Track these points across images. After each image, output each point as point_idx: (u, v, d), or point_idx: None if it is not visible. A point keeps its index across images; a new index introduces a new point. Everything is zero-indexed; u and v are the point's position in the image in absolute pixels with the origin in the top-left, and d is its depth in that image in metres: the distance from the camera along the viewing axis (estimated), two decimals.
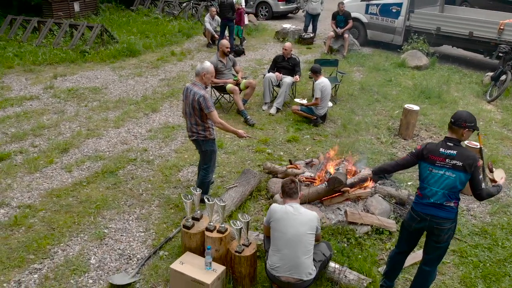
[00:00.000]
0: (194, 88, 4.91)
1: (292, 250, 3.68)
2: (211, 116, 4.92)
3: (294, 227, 3.71)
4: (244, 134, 5.28)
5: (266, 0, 17.04)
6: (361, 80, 10.19)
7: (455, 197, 3.59)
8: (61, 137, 7.08)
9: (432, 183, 3.60)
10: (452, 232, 3.69)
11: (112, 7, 17.61)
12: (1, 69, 10.28)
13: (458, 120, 3.55)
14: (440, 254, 3.79)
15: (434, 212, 3.61)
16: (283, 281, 3.73)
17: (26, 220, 4.97)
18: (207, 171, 5.23)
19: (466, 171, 3.48)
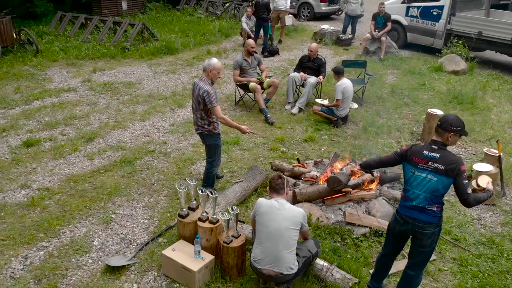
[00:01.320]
0: (200, 83, 5.08)
1: (273, 244, 3.75)
2: (214, 111, 5.06)
3: (277, 221, 3.77)
4: (247, 130, 5.39)
5: (308, 1, 17.01)
6: (393, 83, 9.99)
7: (437, 201, 3.52)
8: (89, 127, 7.49)
9: (415, 186, 3.55)
10: (436, 236, 3.61)
11: (159, 6, 18.23)
12: (47, 62, 10.98)
13: (444, 123, 3.48)
14: (424, 258, 3.72)
15: (416, 216, 3.56)
16: (264, 273, 3.80)
17: (42, 202, 5.33)
18: (212, 164, 5.38)
19: (448, 175, 3.41)
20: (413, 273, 3.77)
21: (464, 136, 3.60)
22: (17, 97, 8.68)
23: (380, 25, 11.92)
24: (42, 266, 4.30)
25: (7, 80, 9.64)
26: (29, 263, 4.34)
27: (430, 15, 11.98)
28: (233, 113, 8.22)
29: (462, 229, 5.13)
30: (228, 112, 8.29)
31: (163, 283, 4.18)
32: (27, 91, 8.98)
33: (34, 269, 4.27)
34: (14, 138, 6.96)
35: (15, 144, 6.75)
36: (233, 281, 4.19)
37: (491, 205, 5.62)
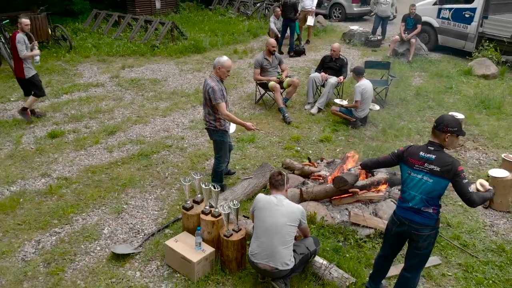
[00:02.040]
0: (208, 80, 5.19)
1: (269, 239, 3.81)
2: (218, 107, 5.14)
3: (274, 217, 3.82)
4: (252, 127, 5.44)
5: (340, 2, 16.89)
6: (418, 86, 9.81)
7: (433, 203, 3.48)
8: (112, 121, 7.75)
9: (411, 187, 3.52)
10: (432, 239, 3.56)
11: (192, 6, 18.54)
12: (79, 58, 11.40)
13: (441, 124, 3.44)
14: (420, 261, 3.68)
15: (412, 217, 3.53)
16: (260, 268, 3.86)
17: (59, 190, 5.58)
18: (219, 160, 5.47)
19: (444, 177, 3.37)
20: (409, 275, 3.73)
21: (461, 136, 3.55)
22: (48, 90, 9.04)
23: (410, 27, 11.71)
24: (53, 251, 4.51)
25: (40, 74, 9.99)
26: (40, 247, 4.57)
27: (462, 17, 11.67)
28: (253, 112, 8.31)
29: (473, 235, 5.02)
30: (248, 110, 8.38)
31: (164, 273, 4.30)
32: (58, 85, 9.37)
33: (44, 253, 4.48)
34: (40, 130, 7.28)
35: (41, 135, 7.07)
36: (232, 274, 4.27)
37: (506, 212, 5.47)
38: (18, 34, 7.23)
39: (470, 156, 6.86)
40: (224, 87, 5.25)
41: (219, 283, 4.18)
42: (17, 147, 6.62)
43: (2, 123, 7.37)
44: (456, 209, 5.50)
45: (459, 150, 7.02)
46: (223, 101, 5.16)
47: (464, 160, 6.71)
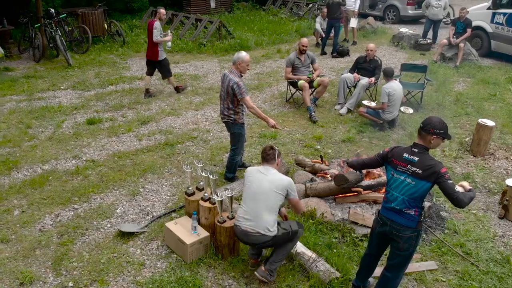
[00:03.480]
0: (230, 75, 5.41)
1: (255, 203, 3.93)
2: (244, 101, 5.36)
3: (261, 182, 3.96)
4: (272, 123, 5.59)
5: (394, 4, 16.53)
6: (460, 91, 9.47)
7: (415, 205, 3.47)
8: (148, 112, 8.21)
9: (394, 188, 3.54)
10: (413, 241, 3.55)
11: (246, 6, 18.92)
12: (130, 53, 12.10)
13: (427, 125, 3.43)
14: (401, 262, 3.67)
15: (394, 218, 3.54)
16: (243, 230, 3.98)
17: (85, 171, 6.06)
18: (235, 152, 5.69)
19: (426, 179, 3.35)
20: (390, 275, 3.74)
21: (447, 139, 3.51)
22: (96, 81, 9.74)
23: (460, 31, 11.28)
24: (67, 224, 4.94)
25: (92, 66, 10.84)
26: (58, 220, 5.02)
27: None
28: (282, 109, 8.45)
29: (479, 244, 4.87)
30: (277, 108, 8.54)
31: (163, 252, 4.59)
32: (105, 77, 10.03)
33: (60, 226, 4.93)
34: (81, 116, 7.88)
35: (80, 121, 7.65)
36: (224, 259, 4.46)
37: None
38: (156, 22, 8.37)
39: (498, 165, 6.58)
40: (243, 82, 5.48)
41: (211, 266, 4.40)
42: (57, 131, 7.24)
43: (49, 109, 8.06)
44: (469, 217, 5.34)
45: (488, 158, 6.76)
46: (248, 94, 5.38)
47: (491, 169, 6.46)
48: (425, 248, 4.76)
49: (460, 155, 6.82)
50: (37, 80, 9.66)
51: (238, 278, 4.25)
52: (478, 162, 6.63)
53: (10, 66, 10.59)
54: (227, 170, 5.84)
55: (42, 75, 10.00)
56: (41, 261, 4.40)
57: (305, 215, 5.01)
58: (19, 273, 4.21)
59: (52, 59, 11.23)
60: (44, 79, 9.76)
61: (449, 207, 5.49)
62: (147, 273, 4.30)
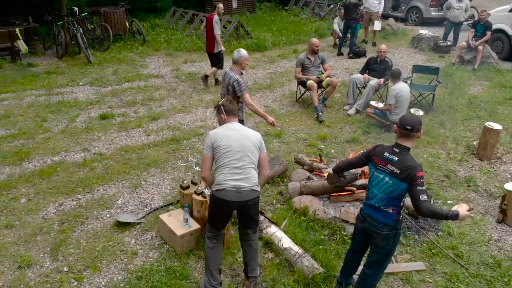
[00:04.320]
0: (231, 73, 5.56)
1: (240, 160, 3.73)
2: (244, 98, 5.50)
3: (240, 139, 3.78)
4: (271, 120, 5.69)
5: (417, 5, 16.32)
6: (475, 94, 9.32)
7: (393, 203, 3.50)
8: (159, 108, 8.43)
9: (374, 186, 3.58)
10: (391, 239, 3.57)
11: (269, 7, 19.04)
12: (149, 51, 12.40)
13: (414, 125, 3.46)
14: (379, 259, 3.70)
15: (372, 214, 3.59)
16: (232, 186, 3.67)
17: (92, 164, 6.29)
18: None
19: (403, 180, 3.39)
20: (369, 272, 3.78)
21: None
22: (113, 78, 10.05)
23: (479, 34, 11.08)
24: (69, 213, 5.17)
25: (111, 63, 11.17)
26: (61, 209, 5.26)
27: None
28: (290, 109, 8.53)
29: (472, 247, 4.83)
30: (286, 107, 8.61)
31: (156, 243, 4.75)
32: (123, 74, 10.33)
33: (62, 214, 5.16)
34: (95, 111, 8.16)
35: (94, 116, 7.93)
36: None
37: None
38: (215, 16, 9.13)
39: (504, 169, 6.47)
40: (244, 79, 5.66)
41: (200, 257, 4.53)
42: (70, 125, 7.53)
43: (65, 103, 8.38)
44: (465, 220, 5.28)
45: (494, 162, 6.66)
46: (247, 92, 5.51)
47: (496, 173, 6.37)
48: (415, 249, 4.76)
49: (466, 158, 6.74)
50: (57, 76, 10.04)
51: (224, 270, 4.36)
52: (483, 166, 6.54)
53: (34, 62, 11.03)
54: None
55: (62, 71, 10.38)
56: (41, 247, 4.63)
57: (298, 212, 5.09)
58: (18, 257, 4.44)
59: (74, 56, 11.64)
60: (64, 75, 10.13)
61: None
62: (138, 262, 4.46)
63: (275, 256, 4.53)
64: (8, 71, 10.24)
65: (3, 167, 6.14)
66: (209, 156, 3.82)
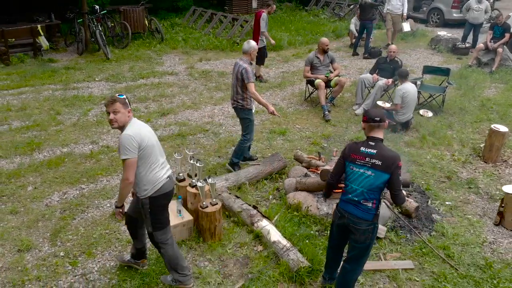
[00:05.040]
0: (240, 62, 5.80)
1: (161, 155, 3.85)
2: (249, 86, 5.71)
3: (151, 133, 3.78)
4: (271, 109, 5.87)
5: (438, 7, 16.08)
6: (489, 97, 9.16)
7: (374, 196, 3.55)
8: (170, 105, 8.62)
9: (353, 181, 3.63)
10: (370, 234, 3.62)
11: (289, 7, 19.08)
12: (167, 49, 12.65)
13: (381, 117, 3.56)
14: (359, 254, 3.74)
15: (351, 210, 3.63)
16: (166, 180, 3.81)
17: (98, 156, 6.51)
18: (246, 137, 6.02)
19: (385, 171, 3.45)
20: (349, 267, 3.82)
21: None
22: (129, 74, 10.31)
23: (498, 36, 10.87)
24: (71, 202, 5.39)
25: (128, 60, 11.46)
26: (64, 198, 5.48)
27: None
28: (299, 108, 8.59)
29: (465, 248, 4.80)
30: (294, 106, 8.68)
31: None
32: (138, 71, 10.58)
33: (64, 203, 5.37)
34: None
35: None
36: (205, 242, 4.71)
37: None
38: (263, 13, 9.46)
39: (509, 172, 6.38)
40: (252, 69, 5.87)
41: (192, 248, 4.66)
42: (82, 118, 7.79)
43: (79, 98, 8.66)
44: (461, 221, 5.26)
45: (500, 165, 6.56)
46: (253, 81, 5.73)
47: (499, 176, 6.28)
48: (406, 248, 4.76)
49: (470, 160, 6.66)
50: (75, 72, 10.37)
51: (213, 261, 4.48)
52: (488, 168, 6.46)
53: (55, 58, 11.42)
54: (234, 154, 6.12)
55: (81, 67, 10.71)
56: (41, 232, 4.85)
57: (291, 207, 5.17)
58: (19, 241, 4.67)
59: (93, 52, 11.98)
60: (82, 71, 10.45)
61: (443, 211, 5.43)
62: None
63: (264, 249, 4.61)
64: (29, 66, 10.64)
65: (15, 156, 6.42)
66: (136, 159, 3.57)
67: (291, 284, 4.19)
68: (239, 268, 4.41)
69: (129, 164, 3.54)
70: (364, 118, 3.61)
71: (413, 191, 5.64)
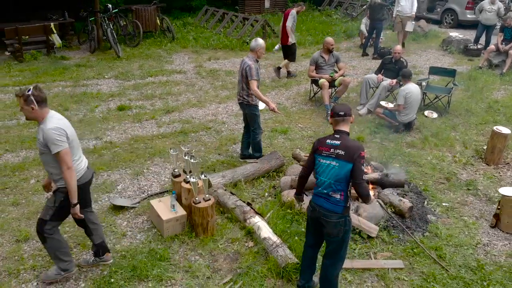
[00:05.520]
0: (246, 59, 5.91)
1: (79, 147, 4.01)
2: (250, 83, 5.81)
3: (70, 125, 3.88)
4: (272, 106, 5.96)
5: (452, 8, 15.90)
6: (497, 99, 9.04)
7: (341, 188, 3.62)
8: (175, 102, 8.74)
9: (321, 173, 3.72)
10: (342, 227, 3.65)
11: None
12: (177, 48, 12.80)
13: (347, 111, 3.74)
14: (335, 248, 3.77)
15: (321, 203, 3.70)
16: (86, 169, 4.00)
17: (101, 151, 6.66)
18: (255, 132, 6.13)
19: (348, 160, 3.54)
20: (327, 262, 3.84)
21: None
22: (138, 72, 10.47)
23: (508, 37, 10.72)
24: None
25: (139, 58, 11.63)
26: None
27: None
28: (303, 107, 8.61)
29: (458, 249, 4.77)
30: (298, 105, 8.71)
31: (146, 226, 5.01)
32: (148, 69, 10.74)
33: None
34: (115, 103, 8.57)
35: (112, 107, 8.33)
36: (198, 237, 4.79)
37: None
38: (292, 10, 9.93)
39: (510, 175, 6.31)
40: (259, 66, 5.96)
41: (184, 242, 4.74)
42: (89, 114, 7.96)
43: (88, 95, 8.85)
44: (457, 223, 5.23)
45: (502, 168, 6.49)
46: (256, 78, 5.82)
47: (500, 178, 6.22)
48: (398, 247, 4.76)
49: (471, 162, 6.60)
50: (86, 69, 10.58)
51: (204, 255, 4.56)
52: (489, 170, 6.40)
53: (67, 55, 11.67)
54: (253, 150, 6.31)
55: (92, 65, 10.92)
56: None
57: (285, 205, 5.21)
58: (18, 232, 4.82)
59: (105, 50, 12.20)
60: (93, 68, 10.66)
61: (439, 212, 5.41)
62: (125, 243, 4.73)
63: (254, 245, 4.67)
64: (42, 63, 10.89)
65: (20, 150, 6.60)
66: (68, 147, 3.67)
67: (279, 280, 4.24)
68: (228, 263, 4.47)
69: (64, 154, 3.63)
70: (331, 113, 3.77)
71: (409, 191, 5.62)
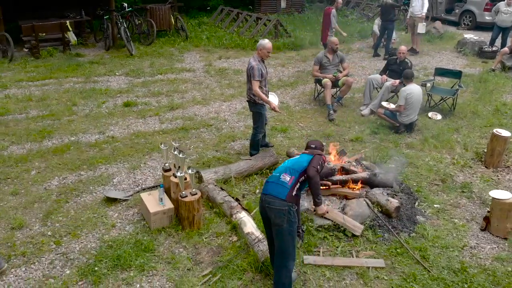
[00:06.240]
0: (251, 59, 6.03)
1: None
2: (252, 83, 5.90)
3: None
4: (273, 105, 6.10)
5: (471, 9, 15.62)
6: (505, 101, 8.87)
7: (294, 174, 3.76)
8: (180, 100, 8.89)
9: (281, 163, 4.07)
10: (285, 216, 3.68)
11: (319, 7, 18.99)
12: (190, 47, 12.98)
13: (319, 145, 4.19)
14: (281, 239, 3.79)
15: (268, 189, 3.82)
16: None
17: (102, 145, 6.85)
18: (256, 130, 6.25)
19: (310, 154, 3.93)
20: (277, 251, 3.89)
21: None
22: (148, 70, 10.68)
23: None
24: (68, 186, 5.71)
25: (151, 56, 11.86)
26: (63, 182, 5.82)
27: None
28: (306, 106, 8.65)
29: (444, 251, 4.74)
30: (302, 104, 8.74)
31: (135, 219, 5.14)
32: (158, 67, 10.94)
33: (62, 187, 5.71)
34: (122, 99, 8.78)
35: (119, 103, 8.54)
36: (184, 230, 4.89)
37: (503, 238, 4.97)
38: (333, 10, 10.60)
39: (509, 178, 6.20)
40: (265, 66, 6.07)
41: (170, 235, 4.86)
42: (95, 110, 8.18)
43: (97, 91, 9.08)
44: (446, 224, 5.18)
45: (501, 171, 6.39)
46: (258, 79, 5.92)
47: (498, 181, 6.12)
48: (381, 247, 4.76)
49: (470, 164, 6.52)
50: (98, 66, 10.85)
51: (188, 248, 4.66)
52: (487, 173, 6.31)
53: (82, 52, 11.98)
54: (250, 147, 6.42)
55: (104, 62, 11.19)
56: (35, 213, 5.18)
57: None
58: (13, 220, 5.02)
59: (119, 48, 12.47)
60: (105, 65, 10.92)
61: (430, 213, 5.38)
62: (114, 233, 4.88)
63: (238, 240, 4.75)
64: (57, 60, 11.22)
65: (26, 143, 6.85)
66: None
67: (257, 274, 4.31)
68: (211, 256, 4.56)
69: None
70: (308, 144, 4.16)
71: (399, 191, 5.60)
